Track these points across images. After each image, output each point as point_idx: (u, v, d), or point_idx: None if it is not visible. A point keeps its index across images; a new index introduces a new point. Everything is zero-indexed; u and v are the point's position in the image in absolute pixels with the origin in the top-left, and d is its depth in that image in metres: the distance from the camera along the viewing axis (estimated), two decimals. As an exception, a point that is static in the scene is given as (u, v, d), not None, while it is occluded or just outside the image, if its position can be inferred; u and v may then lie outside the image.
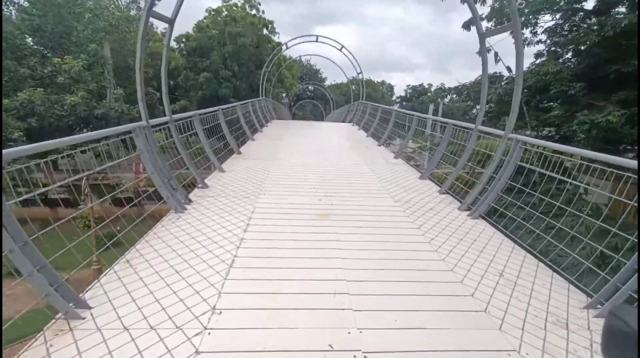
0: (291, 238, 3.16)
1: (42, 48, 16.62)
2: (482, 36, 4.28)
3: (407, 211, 4.03)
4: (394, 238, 3.28)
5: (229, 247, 2.95)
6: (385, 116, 10.42)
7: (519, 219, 3.28)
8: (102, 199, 3.14)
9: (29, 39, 15.84)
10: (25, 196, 2.28)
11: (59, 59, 14.35)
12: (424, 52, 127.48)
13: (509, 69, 9.31)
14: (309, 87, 44.13)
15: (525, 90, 9.93)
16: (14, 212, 1.85)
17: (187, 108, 19.31)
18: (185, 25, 20.39)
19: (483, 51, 4.31)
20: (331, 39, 15.00)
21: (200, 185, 4.75)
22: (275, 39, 22.90)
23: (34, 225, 2.39)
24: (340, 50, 15.68)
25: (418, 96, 76.81)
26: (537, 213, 3.23)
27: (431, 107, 24.72)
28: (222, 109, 7.65)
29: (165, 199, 3.66)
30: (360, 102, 15.49)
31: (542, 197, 3.24)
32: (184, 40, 20.52)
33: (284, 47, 16.00)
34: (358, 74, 16.03)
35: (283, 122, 16.07)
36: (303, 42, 15.92)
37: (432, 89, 78.92)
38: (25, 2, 16.01)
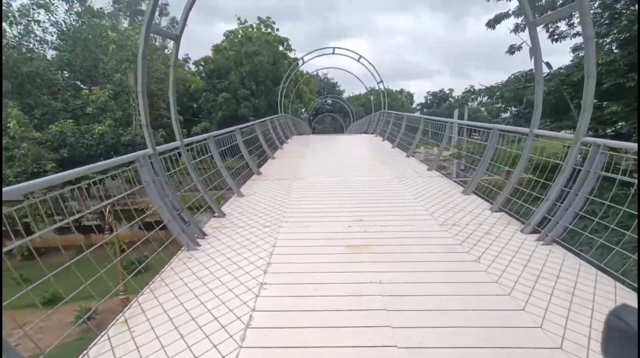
0: (319, 281, 2.57)
1: (75, 82, 17.50)
2: (533, 24, 3.62)
3: (458, 237, 3.33)
4: (449, 276, 2.61)
5: (246, 296, 2.42)
6: (411, 124, 9.76)
7: (617, 248, 2.50)
8: (129, 224, 2.94)
9: (62, 74, 16.70)
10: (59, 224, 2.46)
11: (87, 91, 14.95)
12: (440, 58, 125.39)
13: (548, 64, 8.42)
14: (328, 101, 44.22)
15: (567, 87, 8.94)
16: None
17: (208, 129, 19.59)
18: (204, 49, 21.10)
19: (535, 42, 3.63)
20: (348, 50, 14.68)
21: (216, 214, 4.30)
22: (291, 55, 23.06)
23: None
24: (357, 60, 15.30)
25: (439, 102, 75.17)
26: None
27: (456, 112, 23.60)
28: (240, 128, 7.32)
29: (175, 236, 3.23)
30: (382, 112, 14.89)
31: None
32: (202, 63, 21.08)
33: (300, 62, 15.86)
34: (378, 83, 15.54)
35: (303, 138, 15.73)
36: (320, 55, 15.73)
37: (454, 94, 77.03)
38: (57, 40, 16.99)
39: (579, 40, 11.03)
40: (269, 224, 3.89)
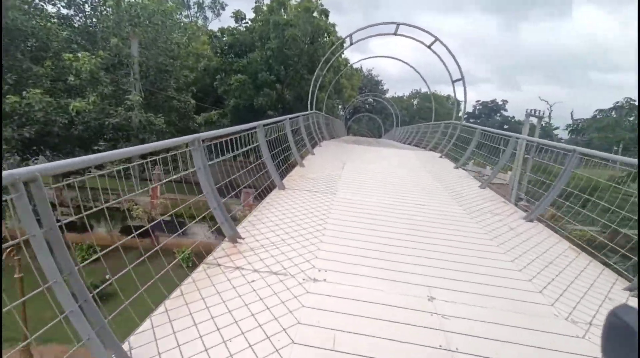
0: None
1: (71, 45, 14.11)
2: None
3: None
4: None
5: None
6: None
7: None
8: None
9: (57, 33, 13.31)
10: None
11: (70, 55, 11.38)
12: (488, 65, 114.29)
13: None
14: (369, 99, 39.09)
15: None
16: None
17: (214, 121, 15.54)
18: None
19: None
20: (418, 28, 9.88)
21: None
22: (333, 34, 17.36)
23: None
24: (429, 47, 10.48)
25: (489, 113, 67.16)
26: None
27: (526, 127, 18.74)
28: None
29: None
30: (457, 123, 10.06)
31: None
32: (217, 34, 16.70)
33: (346, 42, 11.28)
34: (454, 81, 10.61)
35: (336, 147, 11.34)
36: (375, 35, 11.06)
37: (507, 106, 68.42)
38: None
39: None
40: None
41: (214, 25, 32.90)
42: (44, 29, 13.43)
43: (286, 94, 16.46)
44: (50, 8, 13.40)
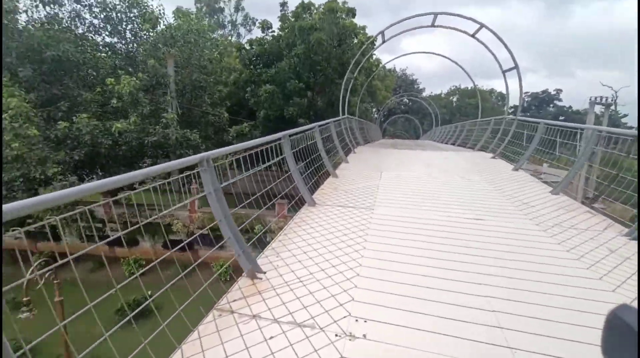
0: None
1: (117, 69, 15.08)
2: None
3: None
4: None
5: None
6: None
7: None
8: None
9: (100, 59, 14.29)
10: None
11: (112, 79, 12.05)
12: (532, 54, 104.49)
13: None
14: (404, 100, 37.60)
15: None
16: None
17: (245, 134, 15.46)
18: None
19: None
20: (463, 16, 8.89)
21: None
22: (360, 33, 16.40)
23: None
24: (472, 36, 9.42)
25: (540, 105, 61.34)
26: None
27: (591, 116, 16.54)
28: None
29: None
30: (512, 117, 8.85)
31: None
32: (245, 47, 16.74)
33: (378, 41, 10.57)
34: (505, 71, 9.39)
35: (373, 151, 10.62)
36: (411, 29, 10.23)
37: (562, 95, 62.07)
38: (101, 22, 14.56)
39: None
40: None
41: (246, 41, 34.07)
42: (93, 59, 14.52)
43: (317, 101, 16.05)
44: (97, 37, 14.45)
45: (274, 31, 15.52)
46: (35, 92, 12.23)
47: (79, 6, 14.12)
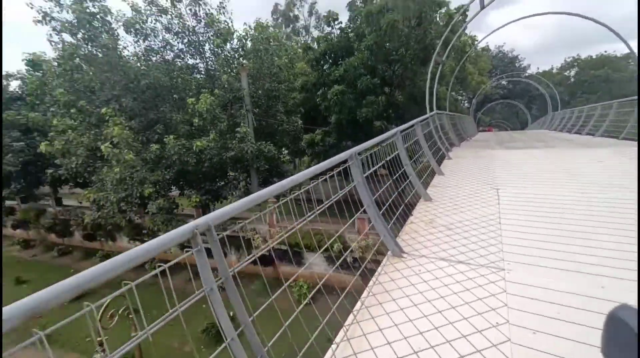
0: None
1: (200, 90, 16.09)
2: None
3: None
4: None
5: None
6: None
7: None
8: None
9: (185, 82, 15.34)
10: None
11: (192, 99, 12.58)
12: None
13: None
14: (502, 83, 31.79)
15: None
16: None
17: (316, 143, 14.33)
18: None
19: None
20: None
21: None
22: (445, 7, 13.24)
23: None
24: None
25: None
26: None
27: None
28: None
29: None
30: None
31: None
32: (310, 45, 15.54)
33: (470, 12, 8.14)
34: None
35: (474, 154, 8.34)
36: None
37: None
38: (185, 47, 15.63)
39: None
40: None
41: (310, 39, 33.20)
42: (182, 82, 15.74)
43: (396, 97, 13.97)
44: (182, 61, 15.55)
45: (340, 22, 14.04)
46: (137, 119, 13.70)
47: (168, 35, 15.45)
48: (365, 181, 3.21)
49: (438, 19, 12.38)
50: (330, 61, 13.73)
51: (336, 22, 13.51)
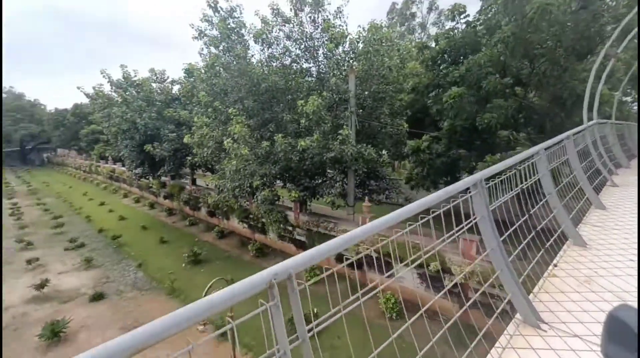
0: None
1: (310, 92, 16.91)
2: None
3: None
4: None
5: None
6: None
7: None
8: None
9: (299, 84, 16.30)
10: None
11: (302, 101, 13.20)
12: None
13: None
14: None
15: None
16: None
17: (422, 151, 12.65)
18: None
19: None
20: None
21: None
22: None
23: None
24: None
25: None
26: None
27: None
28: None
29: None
30: None
31: None
32: (426, 44, 13.71)
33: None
34: None
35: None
36: None
37: None
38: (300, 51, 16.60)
39: None
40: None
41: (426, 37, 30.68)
42: (296, 85, 16.85)
43: (531, 99, 11.18)
44: (297, 66, 16.58)
45: (467, 15, 12.13)
46: (254, 118, 15.35)
47: (288, 42, 16.73)
48: (492, 215, 2.37)
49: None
50: (450, 59, 12.09)
51: (462, 16, 11.79)
